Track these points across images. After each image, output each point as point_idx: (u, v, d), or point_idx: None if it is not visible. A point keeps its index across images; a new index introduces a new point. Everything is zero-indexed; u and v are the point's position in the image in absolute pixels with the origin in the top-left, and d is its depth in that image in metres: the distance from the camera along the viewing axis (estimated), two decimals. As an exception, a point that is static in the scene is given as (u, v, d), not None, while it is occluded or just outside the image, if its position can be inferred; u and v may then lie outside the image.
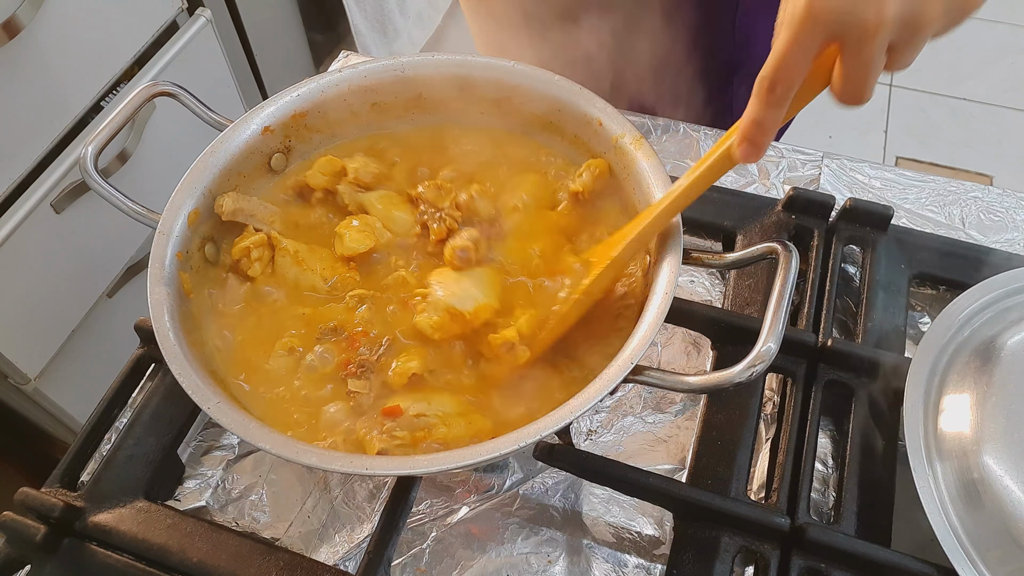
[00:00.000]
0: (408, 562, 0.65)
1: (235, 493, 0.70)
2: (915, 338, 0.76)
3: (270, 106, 0.69)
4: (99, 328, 1.40)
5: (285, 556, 0.61)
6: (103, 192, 0.64)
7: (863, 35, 0.41)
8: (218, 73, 1.57)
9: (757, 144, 0.49)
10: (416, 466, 0.49)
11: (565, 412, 0.50)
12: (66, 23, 1.20)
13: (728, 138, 0.52)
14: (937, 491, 0.59)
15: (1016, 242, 0.83)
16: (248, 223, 0.66)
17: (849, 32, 0.41)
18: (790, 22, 0.43)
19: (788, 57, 0.44)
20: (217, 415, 0.51)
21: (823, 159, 0.91)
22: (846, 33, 0.42)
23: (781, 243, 0.56)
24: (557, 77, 0.70)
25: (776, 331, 0.51)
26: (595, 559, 0.65)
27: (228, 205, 0.65)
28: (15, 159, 1.19)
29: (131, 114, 0.67)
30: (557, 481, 0.69)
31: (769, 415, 0.71)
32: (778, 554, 0.61)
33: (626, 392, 0.74)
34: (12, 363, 1.22)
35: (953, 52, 2.62)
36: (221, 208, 0.65)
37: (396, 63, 0.72)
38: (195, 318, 0.62)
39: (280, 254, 0.65)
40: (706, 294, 0.81)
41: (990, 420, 0.60)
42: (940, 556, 0.56)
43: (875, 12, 0.40)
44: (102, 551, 0.62)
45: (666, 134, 0.94)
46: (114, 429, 0.72)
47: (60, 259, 1.28)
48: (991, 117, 2.46)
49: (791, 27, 0.43)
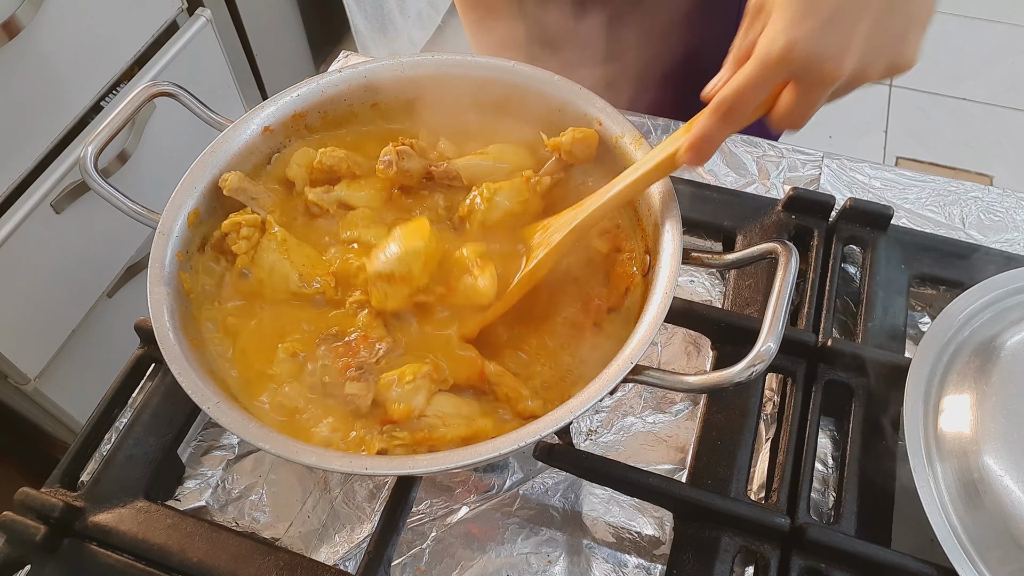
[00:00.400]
0: (408, 562, 0.65)
1: (235, 493, 0.70)
2: (915, 338, 0.76)
3: (270, 106, 0.69)
4: (99, 328, 1.40)
5: (285, 556, 0.61)
6: (103, 192, 0.64)
7: (820, 81, 0.47)
8: (218, 73, 1.57)
9: (703, 155, 0.54)
10: (416, 466, 0.49)
11: (565, 412, 0.50)
12: (66, 23, 1.20)
13: (675, 140, 0.56)
14: (937, 491, 0.59)
15: (1016, 242, 0.83)
16: (248, 204, 0.66)
17: (808, 77, 0.47)
18: (763, 58, 0.47)
19: (751, 88, 0.49)
20: (217, 415, 0.51)
21: (823, 159, 0.91)
22: (805, 77, 0.47)
23: (781, 243, 0.56)
24: (557, 77, 0.70)
25: (776, 331, 0.51)
26: (595, 559, 0.65)
27: (233, 181, 0.65)
28: (15, 159, 1.19)
29: (131, 114, 0.67)
30: (557, 481, 0.69)
31: (769, 415, 0.71)
32: (778, 554, 0.61)
33: (626, 392, 0.74)
34: (12, 363, 1.22)
35: (953, 52, 2.62)
36: (225, 182, 0.65)
37: (396, 63, 0.72)
38: (195, 318, 0.62)
39: (267, 238, 0.64)
40: (706, 294, 0.81)
41: (990, 420, 0.60)
42: (940, 556, 0.56)
43: (834, 66, 0.46)
44: (102, 551, 0.62)
45: (666, 134, 0.94)
46: (114, 429, 0.72)
47: (60, 259, 1.28)
48: (991, 117, 2.46)
49: (762, 63, 0.47)
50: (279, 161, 0.71)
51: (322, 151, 0.69)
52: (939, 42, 2.65)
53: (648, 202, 0.63)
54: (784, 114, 0.50)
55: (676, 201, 0.60)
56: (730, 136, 0.53)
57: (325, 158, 0.69)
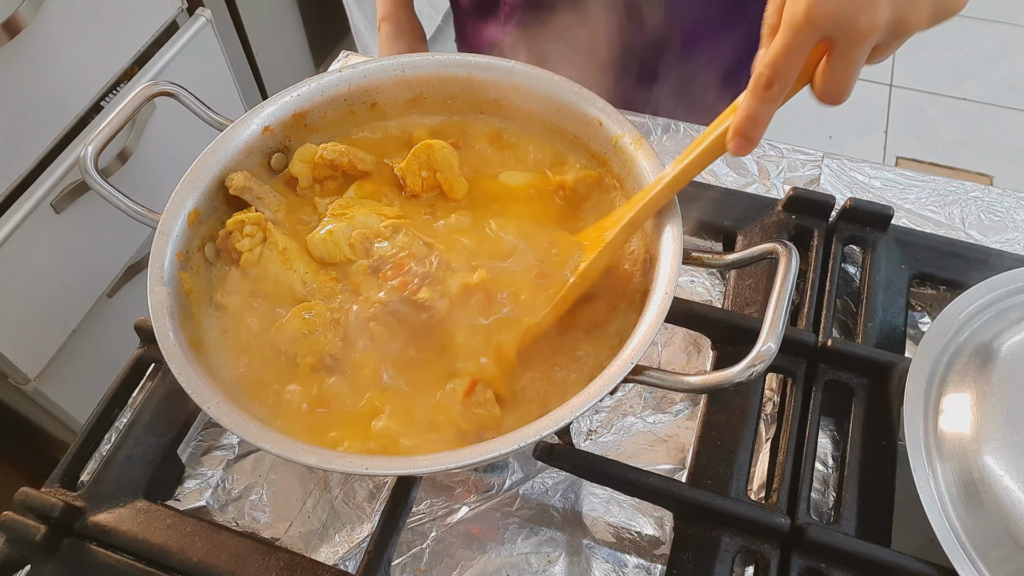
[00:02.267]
0: (408, 562, 0.65)
1: (235, 493, 0.70)
2: (915, 338, 0.76)
3: (270, 106, 0.69)
4: (99, 328, 1.40)
5: (285, 556, 0.61)
6: (103, 192, 0.64)
7: (855, 38, 0.44)
8: (218, 73, 1.57)
9: (750, 138, 0.51)
10: (416, 466, 0.49)
11: (565, 412, 0.50)
12: (66, 23, 1.20)
13: (720, 124, 0.54)
14: (937, 491, 0.59)
15: (1016, 242, 0.83)
16: (253, 204, 0.66)
17: (842, 35, 0.44)
18: (789, 23, 0.45)
19: (785, 56, 0.46)
20: (217, 415, 0.51)
21: (823, 159, 0.91)
22: (839, 36, 0.44)
23: (781, 243, 0.56)
24: (557, 77, 0.70)
25: (776, 331, 0.51)
26: (595, 559, 0.65)
27: (239, 180, 0.65)
28: (15, 159, 1.19)
29: (131, 114, 0.67)
30: (557, 481, 0.69)
31: (769, 415, 0.71)
32: (778, 554, 0.61)
33: (626, 392, 0.74)
34: (12, 363, 1.22)
35: (953, 52, 2.62)
36: (231, 181, 0.65)
37: (396, 63, 0.72)
38: (195, 318, 0.62)
39: (268, 247, 0.64)
40: (706, 294, 0.81)
41: (990, 420, 0.60)
42: (940, 556, 0.56)
43: (868, 18, 0.43)
44: (102, 551, 0.62)
45: (666, 134, 0.94)
46: (114, 429, 0.72)
47: (60, 259, 1.28)
48: (991, 117, 2.46)
49: (790, 28, 0.45)
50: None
51: (323, 146, 0.69)
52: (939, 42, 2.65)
53: (648, 201, 0.63)
54: (824, 83, 0.47)
55: (676, 201, 0.60)
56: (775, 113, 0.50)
57: (327, 152, 0.69)
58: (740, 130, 0.50)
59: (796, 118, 2.44)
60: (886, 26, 0.43)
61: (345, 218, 0.65)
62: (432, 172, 0.68)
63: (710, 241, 0.83)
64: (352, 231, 0.64)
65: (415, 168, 0.68)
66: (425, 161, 0.68)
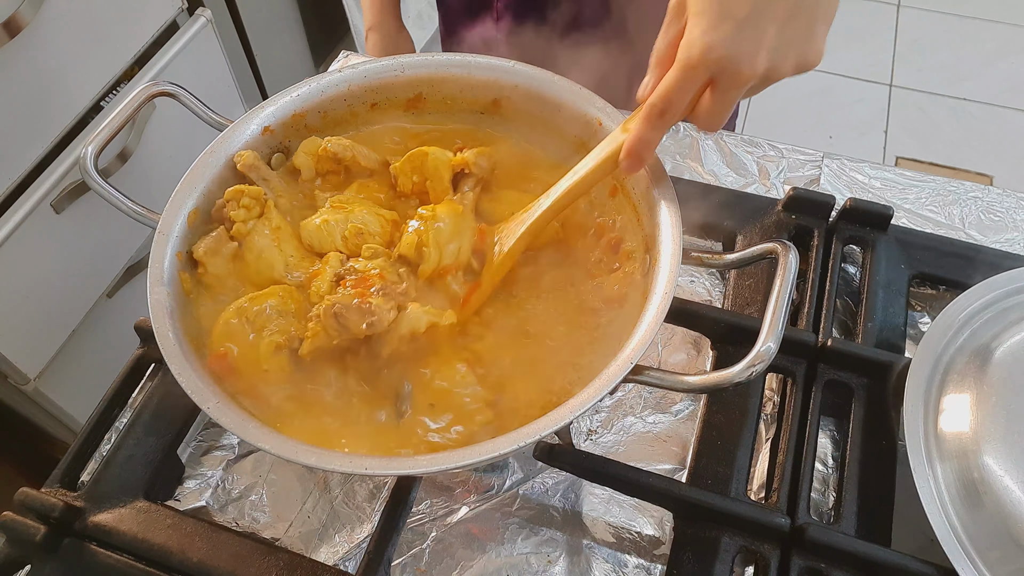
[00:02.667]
0: (408, 562, 0.65)
1: (235, 493, 0.70)
2: (915, 338, 0.76)
3: (270, 106, 0.69)
4: (99, 328, 1.40)
5: (285, 556, 0.61)
6: (103, 192, 0.64)
7: (736, 80, 0.51)
8: (218, 73, 1.57)
9: (641, 159, 0.58)
10: (416, 466, 0.49)
11: (565, 412, 0.50)
12: (66, 23, 1.19)
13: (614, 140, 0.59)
14: (937, 491, 0.59)
15: (1016, 242, 0.83)
16: (259, 184, 0.67)
17: (727, 77, 0.51)
18: (685, 62, 0.51)
19: (677, 90, 0.52)
20: (217, 415, 0.51)
21: (823, 159, 0.91)
22: (724, 77, 0.51)
23: (781, 243, 0.56)
24: (557, 77, 0.70)
25: (776, 331, 0.51)
26: (595, 559, 0.65)
27: (248, 158, 0.66)
28: (15, 159, 1.19)
29: (131, 114, 0.67)
30: (557, 481, 0.69)
31: (769, 415, 0.71)
32: (778, 554, 0.61)
33: (626, 392, 0.74)
34: (12, 363, 1.22)
35: (953, 52, 2.62)
36: (241, 158, 0.66)
37: (396, 63, 0.72)
38: (195, 318, 0.62)
39: (262, 222, 0.64)
40: (706, 294, 0.81)
41: (990, 420, 0.60)
42: (940, 556, 0.56)
43: (750, 65, 0.50)
44: (102, 551, 0.62)
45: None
46: (114, 429, 0.72)
47: (60, 259, 1.28)
48: (991, 117, 2.46)
49: (685, 66, 0.51)
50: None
51: (328, 139, 0.69)
52: (939, 42, 2.66)
53: (647, 202, 0.63)
54: (705, 114, 0.53)
55: (676, 201, 0.60)
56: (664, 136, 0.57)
57: (331, 145, 0.69)
58: (633, 151, 0.57)
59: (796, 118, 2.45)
60: (763, 73, 0.51)
61: (343, 211, 0.66)
62: (422, 179, 0.69)
63: (710, 241, 0.83)
64: (348, 224, 0.65)
65: (407, 170, 0.69)
66: (418, 167, 0.69)
